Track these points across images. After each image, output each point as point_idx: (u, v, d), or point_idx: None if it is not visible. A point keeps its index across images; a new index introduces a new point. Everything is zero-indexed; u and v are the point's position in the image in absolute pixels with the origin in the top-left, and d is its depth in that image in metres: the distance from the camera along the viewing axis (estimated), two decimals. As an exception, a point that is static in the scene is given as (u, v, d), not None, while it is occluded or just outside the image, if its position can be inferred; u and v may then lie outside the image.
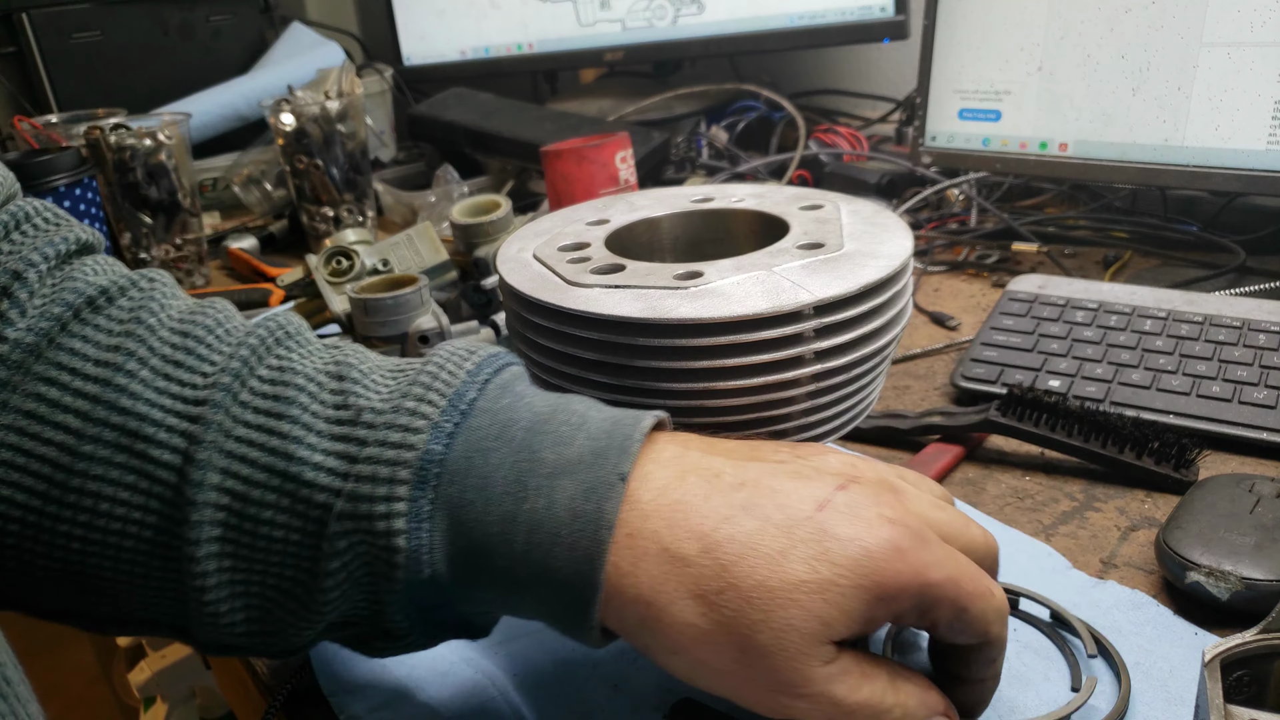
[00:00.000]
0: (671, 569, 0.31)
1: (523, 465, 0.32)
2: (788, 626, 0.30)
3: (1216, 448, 0.56)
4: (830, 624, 0.30)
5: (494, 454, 0.33)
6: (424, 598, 0.33)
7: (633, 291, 0.42)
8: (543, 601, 0.33)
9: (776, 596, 0.30)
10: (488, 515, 0.32)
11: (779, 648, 0.30)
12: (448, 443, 0.33)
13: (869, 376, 0.45)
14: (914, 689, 0.33)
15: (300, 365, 0.35)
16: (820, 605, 0.30)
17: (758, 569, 0.30)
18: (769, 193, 0.53)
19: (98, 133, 0.96)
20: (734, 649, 0.31)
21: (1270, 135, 0.71)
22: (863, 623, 0.31)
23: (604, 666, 0.43)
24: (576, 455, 0.32)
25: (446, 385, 0.34)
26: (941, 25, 0.87)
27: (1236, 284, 0.76)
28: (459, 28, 1.37)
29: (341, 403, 0.34)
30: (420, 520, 0.32)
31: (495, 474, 0.32)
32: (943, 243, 0.93)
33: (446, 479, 0.32)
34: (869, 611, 0.31)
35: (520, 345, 0.46)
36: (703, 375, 0.40)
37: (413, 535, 0.32)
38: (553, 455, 0.32)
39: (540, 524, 0.31)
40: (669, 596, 0.31)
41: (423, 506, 0.32)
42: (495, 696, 0.42)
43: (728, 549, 0.31)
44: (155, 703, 1.27)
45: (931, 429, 0.59)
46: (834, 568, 0.30)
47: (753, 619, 0.30)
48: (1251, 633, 0.31)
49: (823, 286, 0.41)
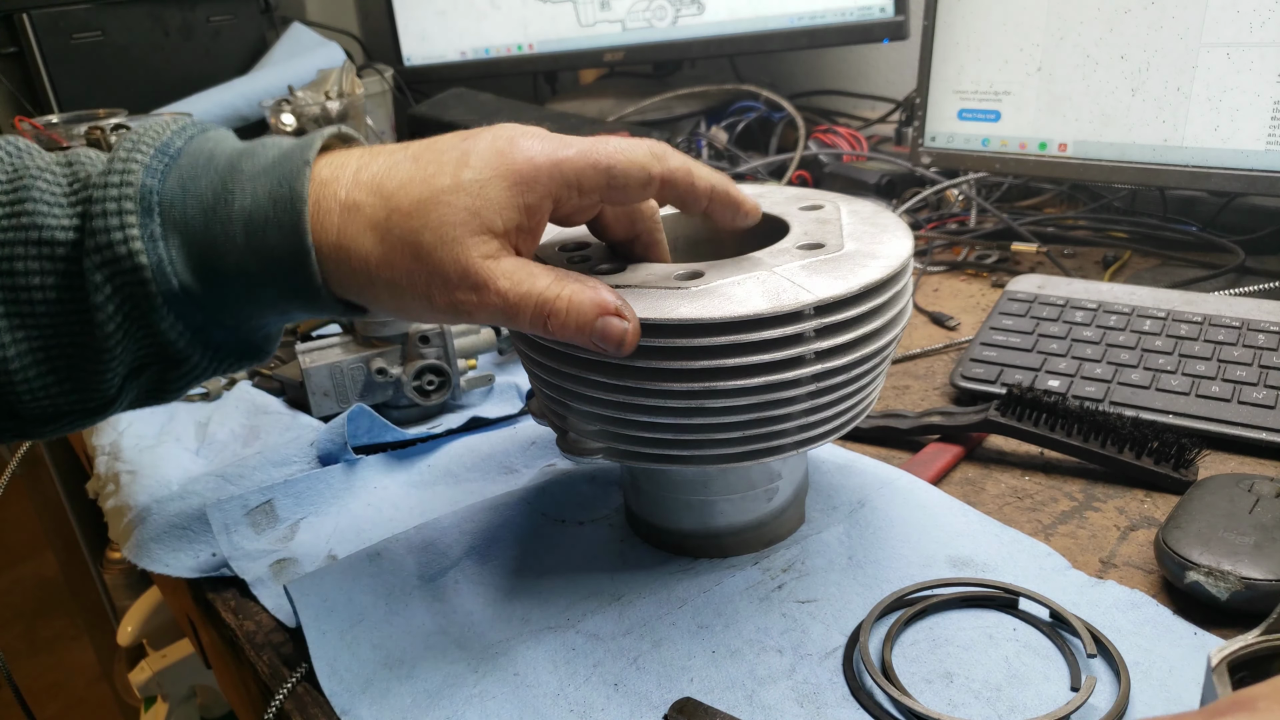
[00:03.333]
0: (351, 216, 0.38)
1: (228, 179, 0.38)
2: (442, 223, 0.37)
3: (1216, 447, 0.56)
4: (478, 213, 0.37)
5: (203, 178, 0.39)
6: (188, 315, 0.39)
7: (634, 292, 0.42)
8: (278, 284, 0.39)
9: (428, 203, 0.37)
10: (210, 224, 0.38)
11: (440, 242, 0.37)
12: (161, 177, 0.39)
13: (869, 377, 0.45)
14: (582, 286, 0.39)
15: (33, 161, 0.40)
16: (466, 199, 0.37)
17: (412, 191, 0.38)
18: (767, 193, 0.53)
19: (98, 133, 0.96)
20: (408, 259, 0.37)
21: (1269, 135, 0.71)
22: (515, 210, 0.38)
23: (604, 666, 0.43)
24: (270, 160, 0.39)
25: (154, 140, 0.40)
26: (941, 26, 0.87)
27: (1236, 284, 0.76)
28: (459, 28, 1.38)
29: (71, 176, 0.39)
30: (154, 240, 0.38)
31: (206, 192, 0.38)
32: (942, 243, 0.93)
33: (168, 204, 0.38)
34: (515, 198, 0.38)
35: (520, 345, 0.46)
36: (704, 375, 0.40)
37: (150, 253, 0.37)
38: (251, 165, 0.39)
39: (251, 216, 0.38)
40: (352, 237, 0.38)
41: (153, 229, 0.38)
42: (496, 696, 0.42)
43: (389, 186, 0.38)
44: (156, 702, 1.27)
45: (931, 429, 0.59)
46: (472, 169, 0.38)
47: (414, 226, 0.37)
48: (1254, 634, 0.32)
49: (823, 287, 0.41)
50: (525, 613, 0.47)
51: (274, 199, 0.38)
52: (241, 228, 0.38)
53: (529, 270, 0.39)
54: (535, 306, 0.38)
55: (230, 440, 0.67)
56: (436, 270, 0.38)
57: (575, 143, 0.40)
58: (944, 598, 0.45)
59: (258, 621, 0.50)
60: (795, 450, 0.44)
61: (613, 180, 0.40)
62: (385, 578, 0.49)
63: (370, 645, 0.45)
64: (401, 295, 0.38)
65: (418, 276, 0.38)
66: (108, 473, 0.65)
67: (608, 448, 0.45)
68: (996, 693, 0.40)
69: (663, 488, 0.49)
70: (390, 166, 0.38)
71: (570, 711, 0.41)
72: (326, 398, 0.66)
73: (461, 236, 0.37)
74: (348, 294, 0.39)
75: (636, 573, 0.49)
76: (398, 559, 0.50)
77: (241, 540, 0.55)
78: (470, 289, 0.38)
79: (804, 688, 0.41)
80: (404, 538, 0.52)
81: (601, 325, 0.39)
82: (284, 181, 0.38)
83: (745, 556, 0.50)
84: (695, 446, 0.43)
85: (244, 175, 0.38)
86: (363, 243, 0.38)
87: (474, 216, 0.37)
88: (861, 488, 0.54)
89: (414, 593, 0.49)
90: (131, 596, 1.38)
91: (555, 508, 0.55)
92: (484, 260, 0.38)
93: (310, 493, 0.59)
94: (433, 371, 0.66)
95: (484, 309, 0.38)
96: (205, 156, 0.39)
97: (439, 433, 0.65)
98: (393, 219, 0.37)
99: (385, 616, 0.47)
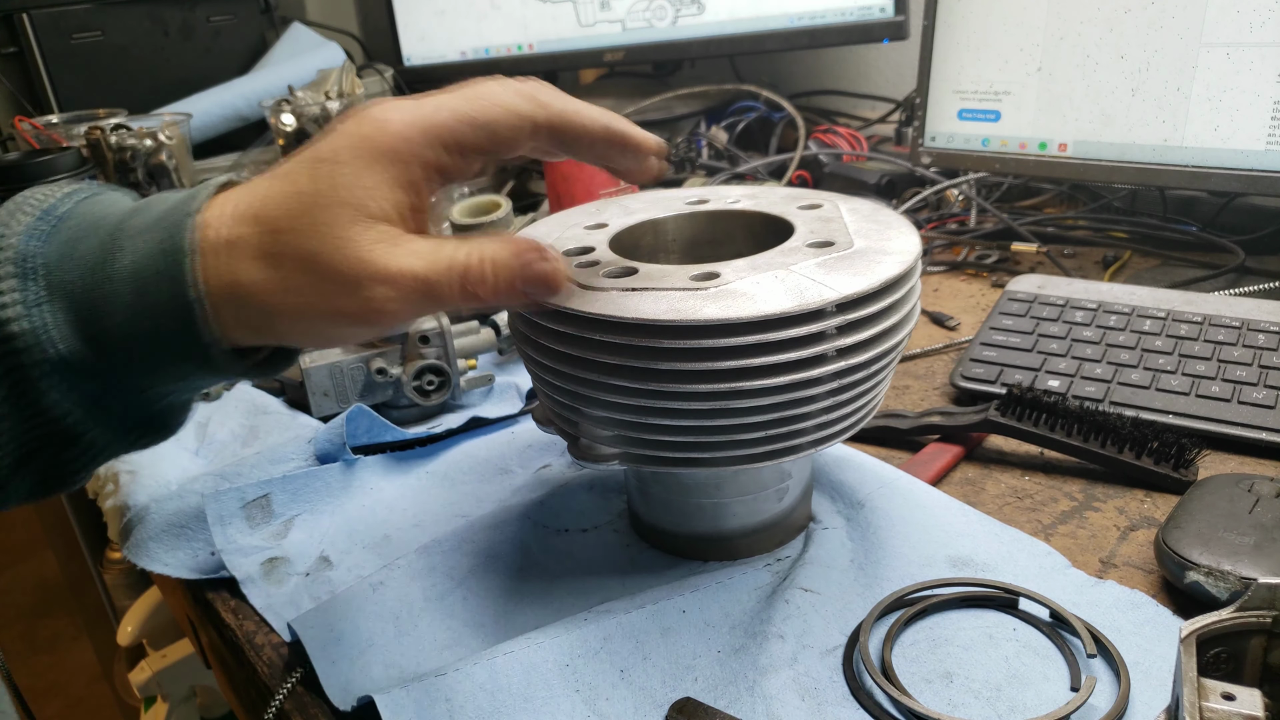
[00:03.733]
0: (235, 252, 0.36)
1: (116, 237, 0.36)
2: (322, 224, 0.35)
3: (1216, 447, 0.56)
4: (359, 205, 0.35)
5: (90, 239, 0.37)
6: (79, 386, 0.36)
7: (651, 294, 0.41)
8: (170, 347, 0.36)
9: (305, 212, 0.35)
10: (96, 284, 0.36)
11: (328, 246, 0.35)
12: (45, 240, 0.36)
13: (884, 374, 0.45)
14: (494, 241, 0.37)
15: None
16: (342, 194, 0.35)
17: (287, 205, 0.35)
18: (764, 193, 0.53)
19: (98, 133, 0.96)
20: (302, 275, 0.35)
21: (1269, 135, 0.71)
22: (397, 189, 0.36)
23: (612, 643, 0.43)
24: (156, 215, 0.37)
25: (39, 203, 0.38)
26: (941, 26, 0.87)
27: (1236, 284, 0.76)
28: (459, 28, 1.38)
29: None
30: (33, 306, 0.35)
31: (92, 252, 0.36)
32: (942, 243, 0.93)
33: (51, 267, 0.36)
34: (393, 178, 0.36)
35: (529, 352, 0.45)
36: (728, 376, 0.40)
37: (26, 319, 0.35)
38: (138, 222, 0.37)
39: (138, 273, 0.36)
40: (242, 273, 0.35)
41: (32, 294, 0.35)
42: (505, 685, 0.42)
43: (266, 210, 0.36)
44: (156, 702, 1.27)
45: (931, 429, 0.59)
46: (340, 163, 0.36)
47: (298, 240, 0.35)
48: (1227, 611, 0.32)
49: (844, 284, 0.41)
50: (538, 619, 0.47)
51: (162, 252, 0.35)
52: (129, 286, 0.35)
53: (434, 244, 0.36)
54: (457, 276, 0.36)
55: (230, 440, 0.67)
56: (334, 276, 0.35)
57: (446, 103, 0.37)
58: (944, 598, 0.45)
59: (257, 621, 0.50)
60: (812, 449, 0.44)
61: (495, 135, 0.38)
62: (391, 604, 0.48)
63: (383, 665, 0.45)
64: (309, 318, 0.36)
65: (319, 291, 0.35)
66: (107, 472, 0.65)
67: (623, 453, 0.44)
68: (996, 693, 0.40)
69: (674, 491, 0.49)
70: (264, 191, 0.36)
71: (575, 694, 0.41)
72: (326, 398, 0.66)
73: (349, 234, 0.35)
74: (256, 336, 0.37)
75: (646, 576, 0.49)
76: (401, 586, 0.49)
77: (235, 534, 0.55)
78: (379, 283, 0.35)
79: (805, 680, 0.41)
80: (406, 564, 0.51)
81: (528, 272, 0.37)
82: (169, 234, 0.36)
83: (755, 557, 0.50)
84: (714, 448, 0.43)
85: (131, 232, 0.36)
86: (253, 275, 0.35)
87: (355, 210, 0.35)
88: (861, 488, 0.54)
89: (421, 614, 0.48)
90: (131, 596, 1.38)
91: (557, 518, 0.55)
92: (382, 249, 0.35)
93: (307, 490, 0.59)
94: (433, 371, 0.66)
95: (401, 299, 0.36)
96: (94, 218, 0.37)
97: (439, 433, 0.65)
98: (276, 241, 0.35)
99: (395, 637, 0.47)
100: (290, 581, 0.52)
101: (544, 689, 0.41)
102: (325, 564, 0.53)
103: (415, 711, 0.40)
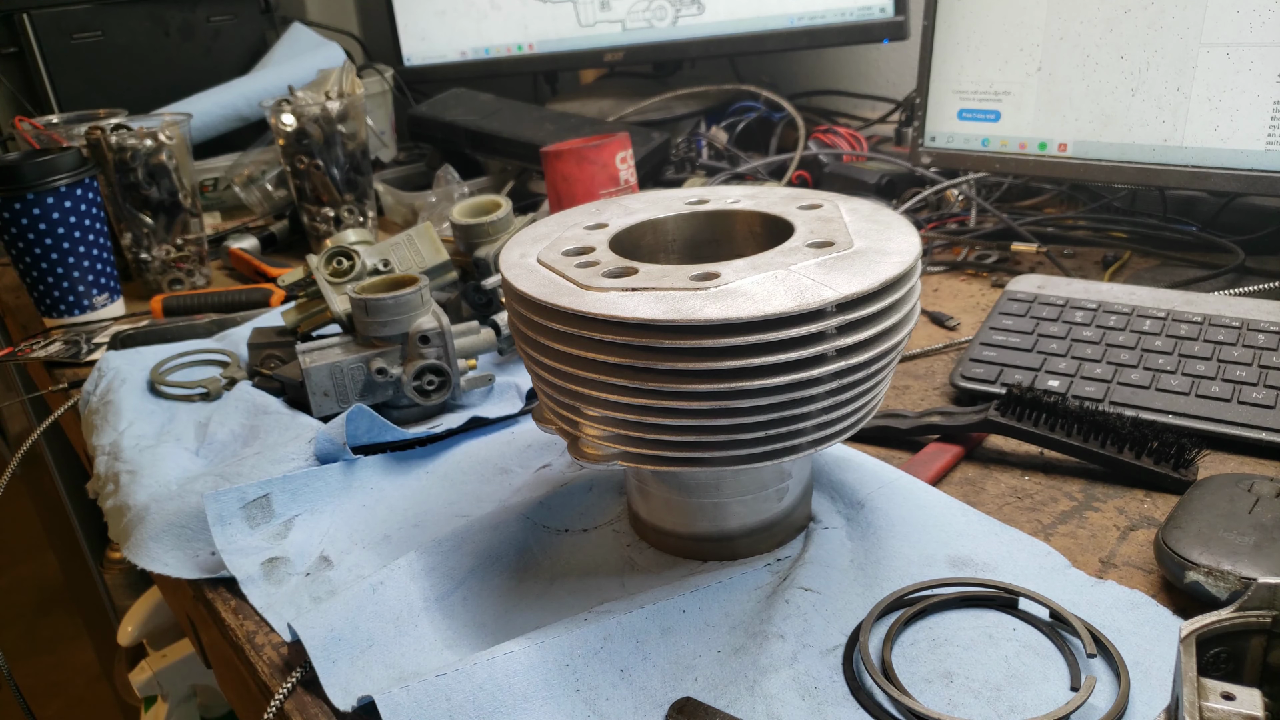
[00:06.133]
0: None
1: None
2: None
3: (1215, 447, 0.56)
4: None
5: None
6: None
7: (652, 294, 0.41)
8: None
9: None
10: None
11: None
12: None
13: (884, 374, 0.45)
14: None
15: None
16: None
17: None
18: (763, 193, 0.53)
19: (99, 133, 0.96)
20: None
21: (1269, 135, 0.71)
22: None
23: (612, 642, 0.43)
24: None
25: None
26: (941, 26, 0.87)
27: (1235, 284, 0.76)
28: (459, 28, 1.38)
29: None
30: None
31: None
32: (942, 243, 0.93)
33: None
34: None
35: (529, 352, 0.46)
36: (729, 375, 0.40)
37: None
38: None
39: None
40: None
41: None
42: (505, 685, 0.42)
43: None
44: (156, 702, 1.27)
45: (931, 429, 0.59)
46: None
47: None
48: (1227, 611, 0.32)
49: (844, 283, 0.41)
50: (538, 619, 0.47)
51: None
52: None
53: None
54: None
55: (230, 440, 0.67)
56: None
57: None
58: (944, 597, 0.45)
59: (257, 621, 0.50)
60: (811, 449, 0.44)
61: None
62: (391, 604, 0.48)
63: (382, 665, 0.45)
64: None
65: None
66: (108, 472, 0.65)
67: (624, 452, 0.44)
68: (996, 692, 0.40)
69: (674, 491, 0.49)
70: None
71: (576, 694, 0.41)
72: (327, 398, 0.66)
73: None
74: None
75: (646, 576, 0.49)
76: (401, 586, 0.49)
77: (235, 534, 0.55)
78: None
79: (805, 680, 0.41)
80: (405, 565, 0.51)
81: None
82: None
83: (755, 557, 0.50)
84: (714, 448, 0.43)
85: None
86: None
87: None
88: (862, 488, 0.54)
89: (421, 614, 0.48)
90: (131, 596, 1.39)
91: (556, 519, 0.55)
92: None
93: (307, 490, 0.59)
94: (433, 371, 0.66)
95: None
96: None
97: (439, 433, 0.65)
98: None
99: (395, 637, 0.47)
100: (290, 581, 0.52)
101: (544, 689, 0.41)
102: (325, 564, 0.53)
103: (415, 711, 0.40)
